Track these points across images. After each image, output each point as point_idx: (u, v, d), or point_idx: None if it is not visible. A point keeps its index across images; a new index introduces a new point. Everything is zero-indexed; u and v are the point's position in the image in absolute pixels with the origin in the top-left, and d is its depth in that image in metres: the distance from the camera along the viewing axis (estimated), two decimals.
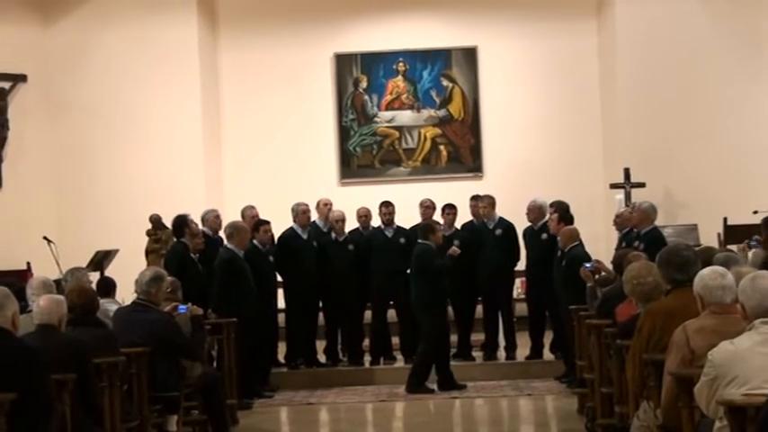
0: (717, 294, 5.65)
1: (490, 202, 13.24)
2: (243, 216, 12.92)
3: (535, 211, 12.82)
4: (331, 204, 13.38)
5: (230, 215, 13.39)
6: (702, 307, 5.70)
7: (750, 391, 4.64)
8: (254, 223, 12.41)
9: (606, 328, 8.06)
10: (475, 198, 13.52)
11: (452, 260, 12.10)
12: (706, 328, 5.52)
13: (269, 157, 17.36)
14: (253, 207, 13.16)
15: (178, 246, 11.61)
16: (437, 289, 11.91)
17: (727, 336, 5.17)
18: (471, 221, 13.50)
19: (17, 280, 9.59)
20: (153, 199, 15.17)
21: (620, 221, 12.73)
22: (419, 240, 12.06)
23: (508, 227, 13.18)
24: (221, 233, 12.34)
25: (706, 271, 5.80)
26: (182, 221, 11.59)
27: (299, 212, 12.92)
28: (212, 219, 12.60)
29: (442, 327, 12.13)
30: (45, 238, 14.25)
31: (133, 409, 7.63)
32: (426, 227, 12.21)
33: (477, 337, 13.50)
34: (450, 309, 13.06)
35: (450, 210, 13.30)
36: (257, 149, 17.44)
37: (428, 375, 12.06)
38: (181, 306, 9.07)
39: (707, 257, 7.69)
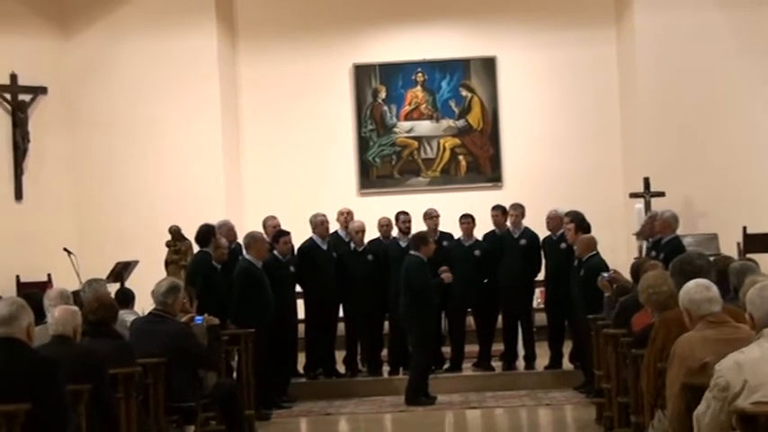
0: (705, 307, 5.68)
1: (521, 211, 13.23)
2: (264, 226, 12.96)
3: (555, 221, 12.80)
4: (351, 214, 13.39)
5: (250, 225, 13.43)
6: (690, 320, 5.70)
7: (762, 399, 4.62)
8: (274, 234, 12.43)
9: (622, 338, 8.04)
10: (496, 208, 13.48)
11: (442, 282, 12.02)
12: (709, 337, 5.52)
13: (289, 168, 17.39)
14: (274, 217, 13.19)
15: (202, 255, 11.62)
16: (425, 303, 11.84)
17: (732, 342, 5.18)
18: (493, 231, 13.46)
19: (39, 291, 9.63)
20: (173, 210, 15.22)
21: (644, 233, 12.72)
22: (411, 252, 12.01)
23: (533, 237, 13.17)
24: (238, 242, 12.38)
25: (690, 285, 5.81)
26: (209, 231, 11.61)
27: (318, 224, 12.94)
28: (226, 230, 12.59)
29: (429, 339, 12.08)
30: (65, 249, 14.32)
31: (150, 420, 7.64)
32: (418, 238, 12.08)
33: (497, 346, 13.47)
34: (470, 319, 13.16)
35: (466, 219, 13.29)
36: (277, 160, 17.47)
37: (426, 386, 12.02)
38: (197, 317, 9.09)
39: (723, 266, 7.68)
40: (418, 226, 13.36)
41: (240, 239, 12.52)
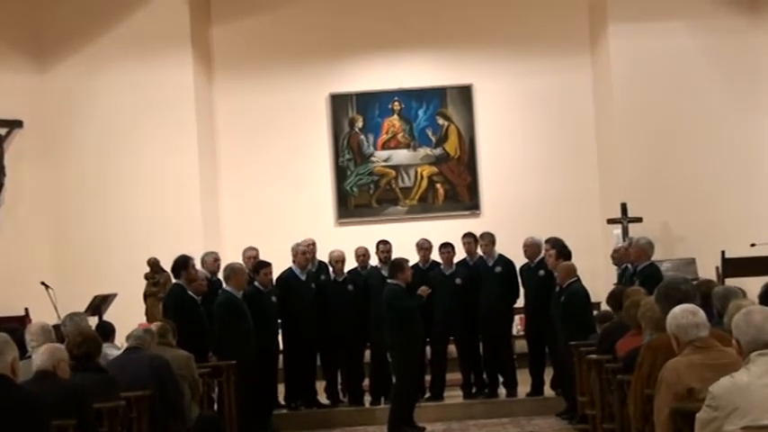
0: (693, 332, 5.68)
1: (491, 239, 13.24)
2: (243, 258, 12.93)
3: (532, 248, 12.82)
4: (311, 247, 13.21)
5: (229, 256, 13.39)
6: (678, 346, 5.70)
7: (751, 424, 4.63)
8: (255, 265, 12.40)
9: (607, 364, 8.04)
10: (468, 236, 13.47)
11: (422, 299, 11.96)
12: (696, 363, 5.53)
13: (266, 199, 17.37)
14: (253, 248, 13.16)
15: (175, 288, 11.58)
16: (408, 329, 11.79)
17: (719, 368, 5.18)
18: (465, 259, 13.45)
19: (19, 326, 9.57)
20: (151, 242, 15.18)
21: (617, 257, 12.78)
22: (388, 280, 11.98)
23: (508, 264, 13.17)
24: (220, 275, 12.34)
25: (677, 310, 5.81)
26: (181, 263, 11.56)
27: (299, 253, 12.91)
28: (211, 261, 12.60)
29: (413, 367, 12.03)
30: (43, 283, 14.23)
31: None
32: (395, 265, 11.99)
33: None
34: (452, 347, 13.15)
35: (446, 248, 13.28)
36: (254, 190, 17.45)
37: (411, 414, 11.96)
38: None
39: (706, 290, 7.71)
40: (398, 254, 13.32)
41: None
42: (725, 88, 16.32)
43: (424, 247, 13.42)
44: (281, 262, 13.08)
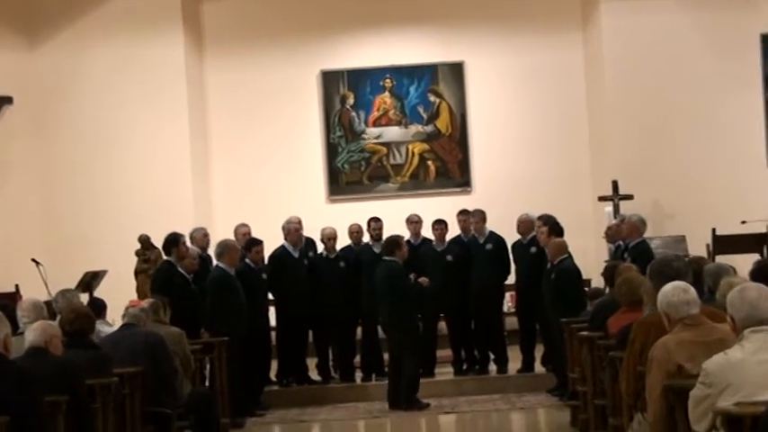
0: (683, 309, 5.70)
1: (481, 216, 13.25)
2: (235, 234, 12.94)
3: (526, 225, 12.82)
4: (299, 225, 13.18)
5: (220, 233, 13.40)
6: (669, 323, 5.72)
7: (744, 400, 4.65)
8: (246, 243, 12.40)
9: (599, 340, 8.06)
10: (463, 213, 13.52)
11: (421, 286, 12.05)
12: (686, 341, 5.55)
13: (257, 175, 17.35)
14: (245, 225, 13.17)
15: (164, 265, 11.59)
16: (407, 307, 11.84)
17: (709, 345, 5.22)
18: (459, 236, 13.48)
19: (9, 303, 9.56)
20: (141, 219, 15.14)
21: (610, 234, 12.80)
22: (384, 257, 11.99)
23: (499, 241, 13.19)
24: (210, 251, 12.34)
25: (668, 287, 5.83)
26: (172, 240, 11.55)
27: (291, 230, 12.90)
28: (200, 237, 12.59)
29: (417, 342, 12.09)
30: (33, 260, 14.20)
31: (126, 430, 7.59)
32: (392, 242, 12.03)
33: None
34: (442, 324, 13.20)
35: (439, 225, 13.30)
36: (245, 167, 17.42)
37: (417, 390, 12.00)
38: None
39: (697, 267, 7.73)
40: (389, 232, 13.34)
41: (211, 247, 12.51)
42: (716, 65, 16.31)
43: (414, 221, 13.43)
44: (271, 239, 13.07)
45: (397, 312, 11.77)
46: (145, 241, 14.07)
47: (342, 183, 17.65)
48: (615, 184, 15.75)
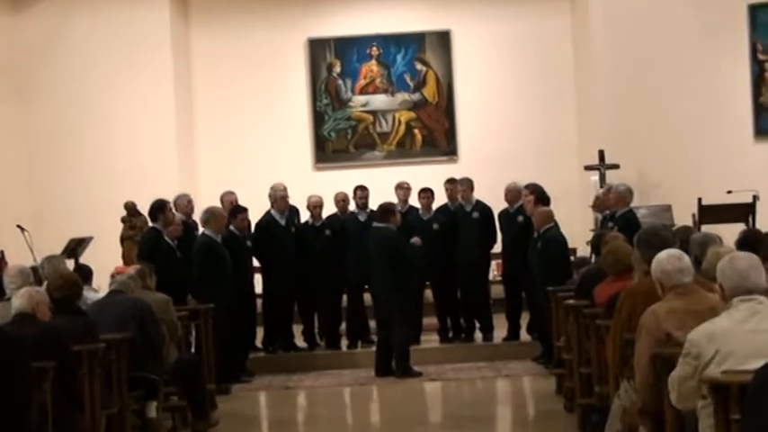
0: (677, 277, 5.71)
1: (469, 185, 13.25)
2: (221, 201, 12.91)
3: (513, 193, 12.80)
4: (285, 192, 13.14)
5: (205, 200, 13.35)
6: (662, 291, 5.74)
7: (731, 368, 4.67)
8: (231, 210, 12.38)
9: (585, 309, 8.08)
10: (450, 181, 13.51)
11: (420, 251, 12.08)
12: (676, 309, 5.56)
13: (243, 143, 17.32)
14: (232, 193, 13.15)
15: (150, 231, 11.56)
16: (404, 274, 11.87)
17: (699, 314, 5.22)
18: (446, 205, 13.48)
19: None
20: (127, 186, 15.13)
21: (598, 203, 12.81)
22: (377, 224, 11.98)
23: (486, 210, 13.19)
24: (195, 218, 12.33)
25: (662, 255, 5.83)
26: (159, 207, 11.52)
27: (278, 198, 12.88)
28: (184, 204, 12.50)
29: (413, 310, 12.13)
30: (19, 226, 14.15)
31: (113, 396, 7.59)
32: (386, 209, 12.04)
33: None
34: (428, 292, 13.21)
35: (426, 193, 13.30)
36: (231, 135, 17.39)
37: (409, 358, 12.04)
38: None
39: (684, 237, 7.75)
40: (375, 200, 13.36)
41: (196, 214, 12.48)
42: (703, 34, 16.28)
43: (404, 187, 13.44)
44: (257, 206, 13.07)
45: (393, 280, 11.78)
46: (131, 208, 14.04)
47: (328, 151, 17.62)
48: (601, 154, 15.75)
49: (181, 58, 17.15)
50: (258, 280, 13.06)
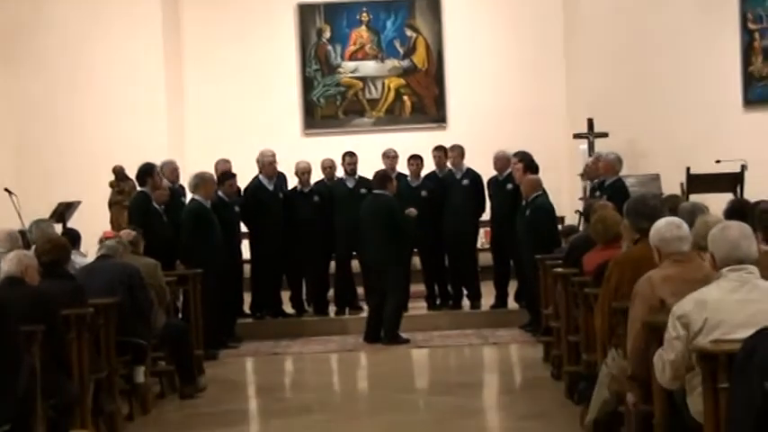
0: (675, 245, 5.70)
1: (459, 151, 13.25)
2: (215, 168, 12.86)
3: (502, 161, 12.80)
4: (273, 158, 13.10)
5: (193, 166, 13.32)
6: (660, 258, 5.74)
7: (721, 337, 4.68)
8: (220, 176, 12.34)
9: (573, 277, 8.10)
10: (438, 148, 13.47)
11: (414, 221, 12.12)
12: (672, 276, 5.56)
13: (232, 108, 17.26)
14: (227, 161, 13.12)
15: (140, 196, 11.53)
16: (405, 240, 11.89)
17: (693, 282, 5.21)
18: (434, 172, 13.45)
19: None
20: (115, 151, 15.07)
21: (587, 172, 12.82)
22: (375, 191, 11.99)
23: (475, 177, 13.19)
24: (181, 184, 12.31)
25: (661, 223, 5.83)
26: (147, 170, 11.50)
27: (266, 164, 12.86)
28: (170, 170, 12.46)
29: (407, 278, 12.17)
30: (6, 189, 14.11)
31: (101, 361, 7.60)
32: (384, 176, 12.11)
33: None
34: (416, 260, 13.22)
35: (415, 160, 13.27)
36: (220, 100, 17.33)
37: (399, 325, 12.05)
38: None
39: (673, 206, 7.75)
40: (363, 166, 13.36)
41: (182, 180, 12.47)
42: (694, 2, 16.23)
43: (390, 155, 13.38)
44: (246, 172, 13.05)
45: (390, 248, 11.78)
46: (119, 172, 14.01)
47: (317, 117, 17.59)
48: (590, 122, 15.75)
49: (170, 24, 17.07)
50: (246, 246, 13.05)
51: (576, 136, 15.94)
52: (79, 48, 16.37)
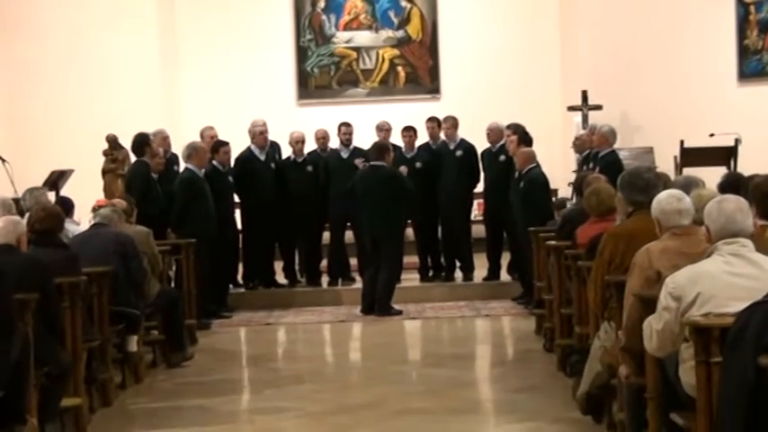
0: (674, 218, 5.68)
1: (453, 122, 13.23)
2: (201, 137, 12.84)
3: (496, 133, 12.79)
4: (264, 128, 13.06)
5: (187, 135, 13.30)
6: (660, 230, 5.73)
7: (713, 310, 4.68)
8: (214, 144, 12.33)
9: (567, 250, 8.10)
10: (432, 119, 13.46)
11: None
12: (670, 249, 5.55)
13: (226, 78, 17.23)
14: (212, 128, 13.08)
15: (141, 165, 11.50)
16: (405, 212, 11.91)
17: (691, 256, 5.21)
18: (427, 143, 13.43)
19: None
20: (109, 119, 14.99)
21: (578, 144, 12.81)
22: (373, 162, 11.98)
23: (469, 148, 13.17)
24: (174, 152, 12.29)
25: (663, 195, 5.82)
26: (142, 140, 11.48)
27: (257, 134, 12.84)
28: (161, 140, 12.43)
29: (402, 250, 12.19)
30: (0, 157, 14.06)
31: (94, 330, 7.59)
32: (381, 147, 12.12)
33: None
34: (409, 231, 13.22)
35: (409, 131, 13.25)
36: (214, 70, 17.29)
37: (392, 297, 12.07)
38: None
39: (667, 180, 7.74)
40: (358, 137, 13.34)
41: (175, 149, 12.45)
42: None
43: (384, 128, 13.36)
44: (240, 142, 13.02)
45: (391, 219, 11.79)
46: (112, 141, 13.90)
47: (311, 87, 17.55)
48: (584, 95, 15.75)
49: None
50: (238, 215, 13.04)
51: (571, 108, 15.93)
52: (75, 18, 16.28)
